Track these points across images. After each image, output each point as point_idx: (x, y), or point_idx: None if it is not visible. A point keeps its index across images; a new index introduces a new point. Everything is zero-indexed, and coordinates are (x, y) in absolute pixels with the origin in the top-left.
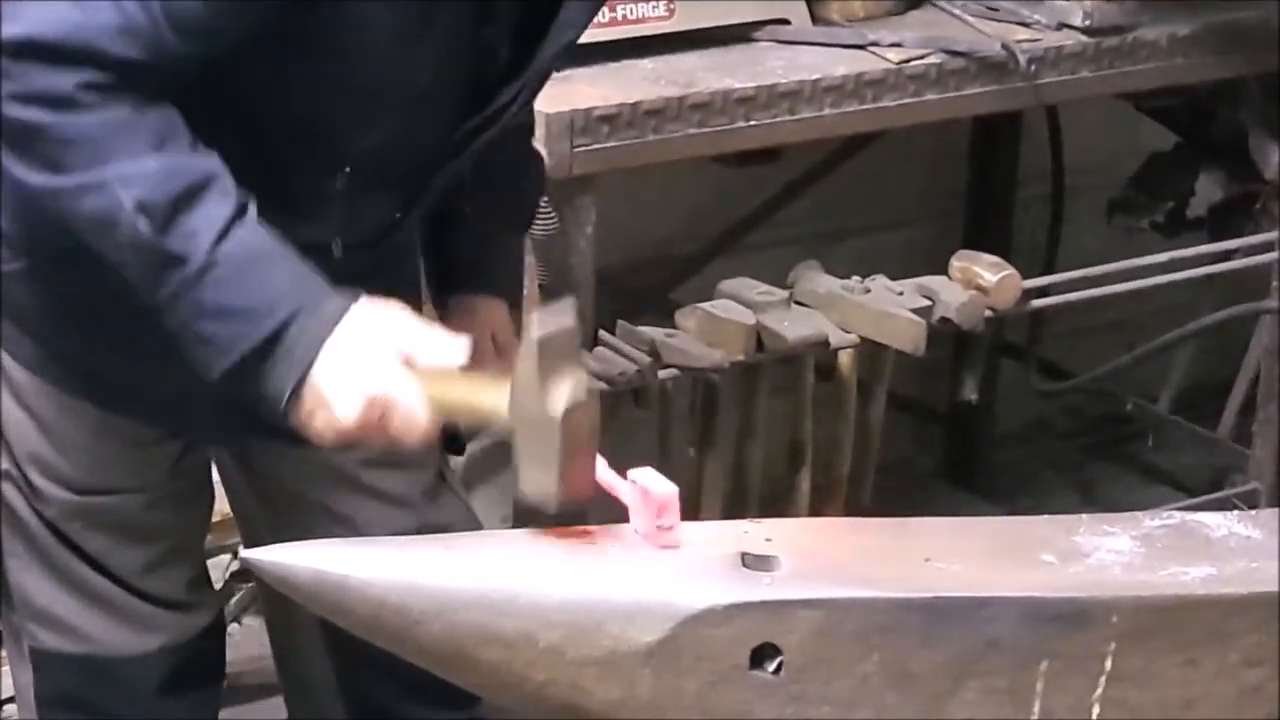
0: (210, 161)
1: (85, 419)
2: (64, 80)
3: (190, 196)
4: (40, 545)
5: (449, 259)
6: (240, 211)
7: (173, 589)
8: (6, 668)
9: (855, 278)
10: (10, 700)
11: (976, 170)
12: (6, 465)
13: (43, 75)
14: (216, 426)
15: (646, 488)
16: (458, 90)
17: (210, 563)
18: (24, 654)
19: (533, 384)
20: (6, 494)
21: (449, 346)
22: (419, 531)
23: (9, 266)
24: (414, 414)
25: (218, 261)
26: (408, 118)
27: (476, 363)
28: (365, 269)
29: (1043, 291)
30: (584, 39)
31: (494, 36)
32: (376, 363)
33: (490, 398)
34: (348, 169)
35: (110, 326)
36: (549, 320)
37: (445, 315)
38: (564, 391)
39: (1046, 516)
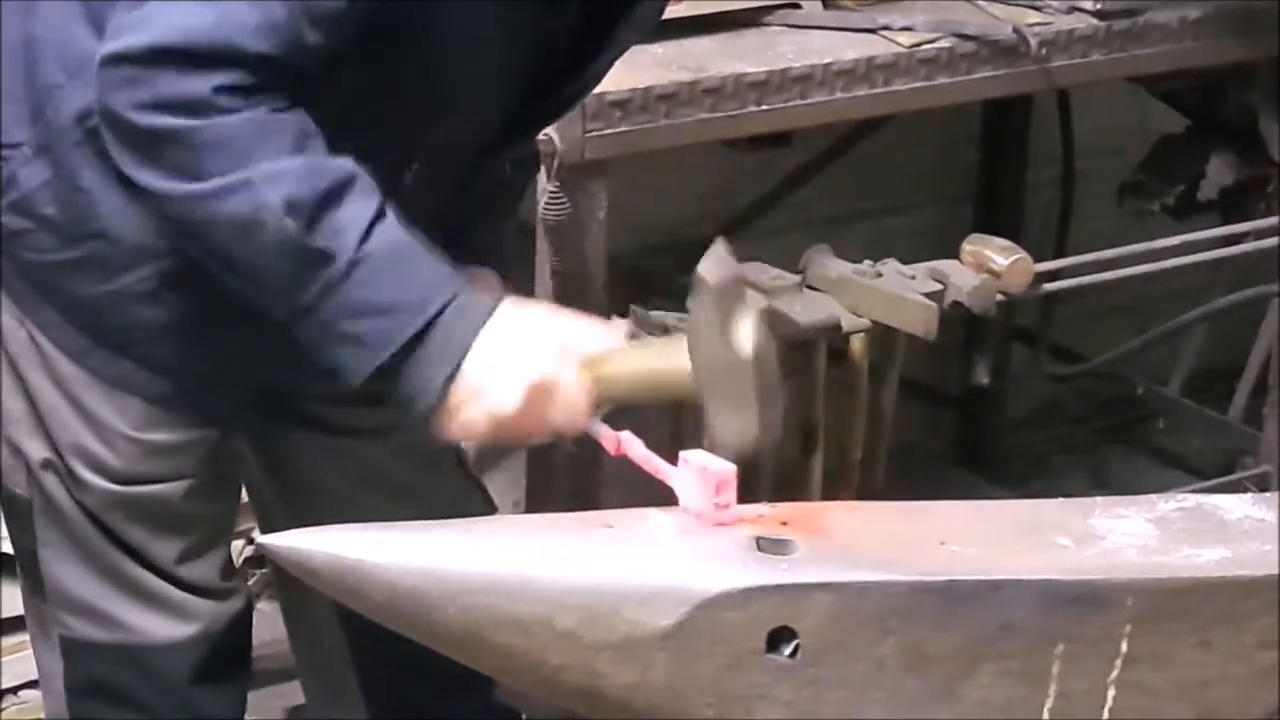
0: (348, 162)
1: (129, 409)
2: (199, 84)
3: (335, 194)
4: (78, 534)
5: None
6: (382, 209)
7: (208, 576)
8: (8, 658)
9: (867, 262)
10: (12, 690)
11: (987, 154)
12: (48, 455)
13: (176, 81)
14: (253, 414)
15: (704, 465)
16: (517, 82)
17: None
18: (53, 643)
19: (715, 330)
20: (46, 483)
21: (605, 331)
22: (435, 517)
23: (56, 256)
24: (577, 398)
25: (365, 258)
26: (476, 109)
27: None
28: None
29: (1054, 275)
30: None
31: (560, 29)
32: (535, 349)
33: (665, 362)
34: (416, 165)
35: (156, 313)
36: (717, 265)
37: None
38: (747, 331)
39: (1061, 499)
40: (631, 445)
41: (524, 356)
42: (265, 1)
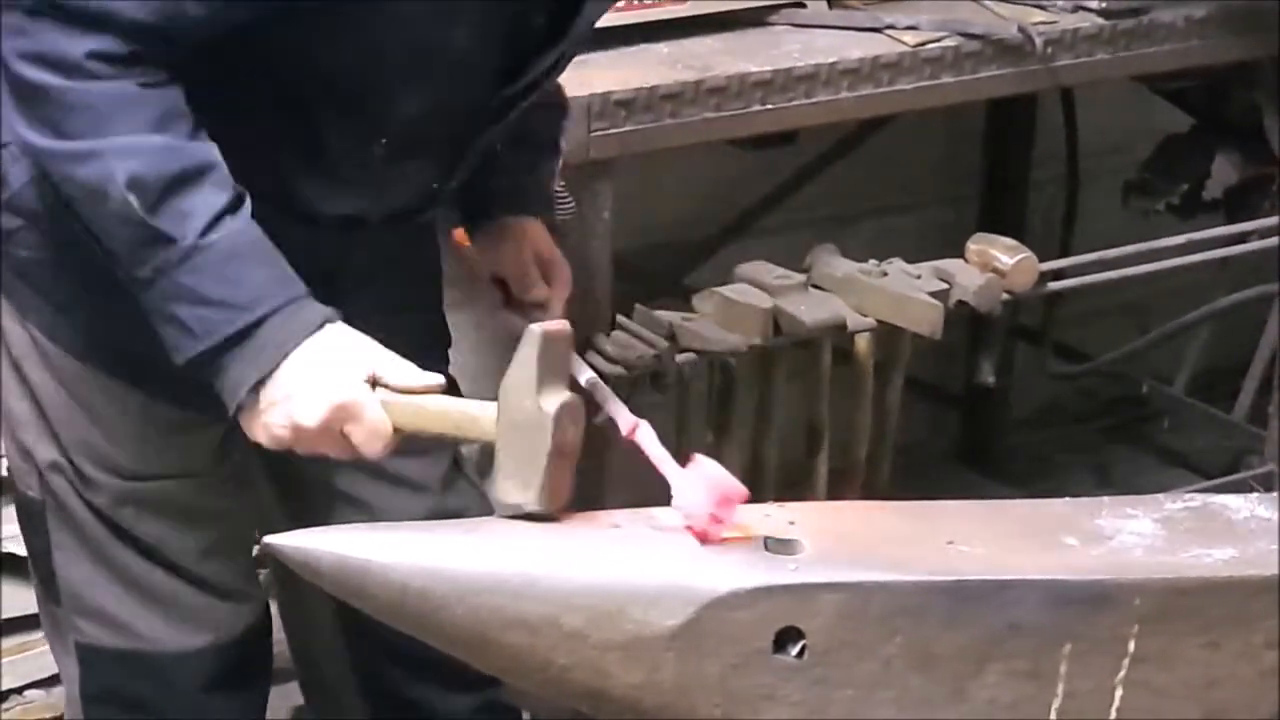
0: (209, 150)
1: (132, 405)
2: (76, 46)
3: (185, 180)
4: (90, 537)
5: (481, 184)
6: (234, 204)
7: (228, 576)
8: (14, 658)
9: (872, 261)
10: (17, 690)
11: (992, 153)
12: (55, 456)
13: (55, 38)
14: None
15: (713, 476)
16: (494, 57)
17: None
18: (69, 648)
19: (528, 382)
20: (56, 486)
21: (421, 375)
22: (434, 517)
23: (49, 253)
24: (380, 424)
25: (203, 248)
26: (445, 86)
27: (523, 286)
28: (395, 246)
29: (1058, 274)
30: (600, 23)
31: (529, 7)
32: (346, 372)
33: (474, 407)
34: (384, 139)
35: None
36: (550, 323)
37: (482, 240)
38: (558, 393)
39: (1068, 499)
40: (645, 436)
41: (334, 375)
42: None
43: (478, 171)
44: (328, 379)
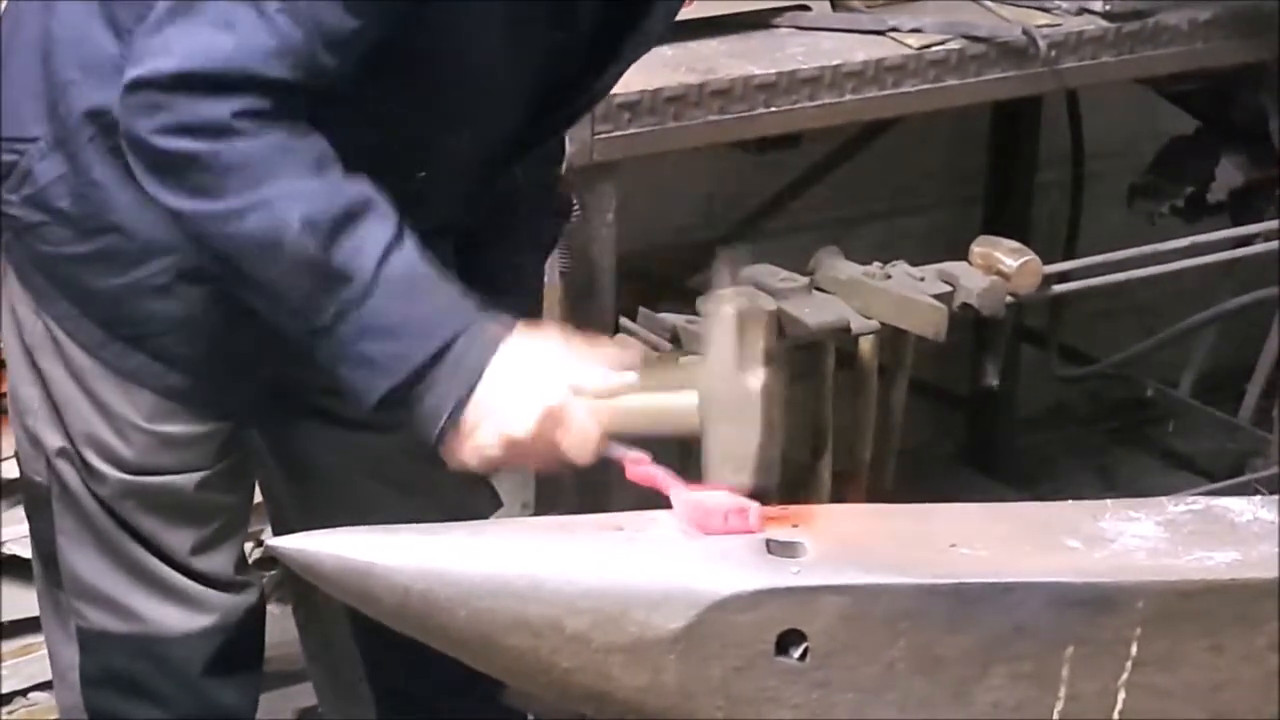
0: (365, 185)
1: (141, 401)
2: (220, 109)
3: (353, 216)
4: (93, 523)
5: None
6: (400, 234)
7: (221, 568)
8: (18, 661)
9: (876, 263)
10: (21, 693)
11: (996, 155)
12: (63, 443)
13: (197, 106)
14: (265, 407)
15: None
16: (528, 92)
17: None
18: (70, 633)
19: (728, 361)
20: (62, 471)
21: (617, 358)
22: (445, 517)
23: (71, 249)
24: (588, 428)
25: (383, 280)
26: (484, 121)
27: None
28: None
29: (1063, 277)
30: None
31: (569, 41)
32: (549, 377)
33: (673, 398)
34: (423, 173)
35: (170, 306)
36: (733, 291)
37: None
38: (758, 370)
39: (1072, 502)
40: (650, 470)
41: (537, 383)
42: (282, 27)
43: (470, 264)
44: (532, 385)
